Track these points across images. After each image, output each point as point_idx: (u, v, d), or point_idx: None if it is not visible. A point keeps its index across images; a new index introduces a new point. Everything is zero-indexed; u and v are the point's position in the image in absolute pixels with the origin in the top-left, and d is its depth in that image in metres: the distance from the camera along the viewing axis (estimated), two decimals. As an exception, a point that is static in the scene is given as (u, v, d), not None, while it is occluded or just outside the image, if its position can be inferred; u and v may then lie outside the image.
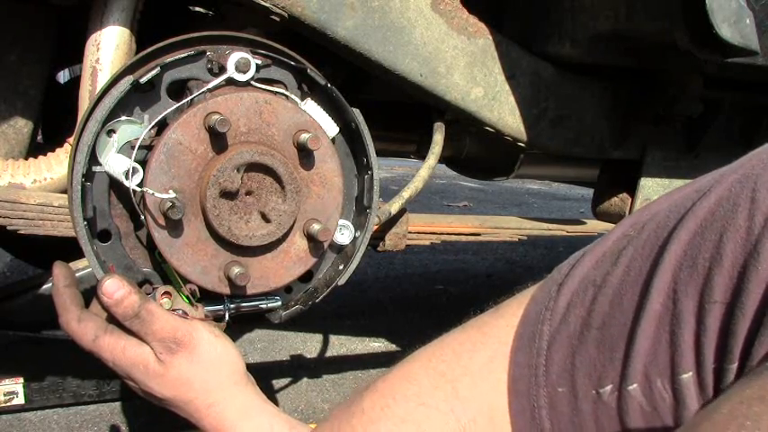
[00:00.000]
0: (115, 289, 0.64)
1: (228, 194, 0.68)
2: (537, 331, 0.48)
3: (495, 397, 0.50)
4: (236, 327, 0.76)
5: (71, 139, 0.93)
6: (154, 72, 0.68)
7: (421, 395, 0.53)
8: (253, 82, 0.72)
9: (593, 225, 1.44)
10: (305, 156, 0.73)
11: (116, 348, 0.66)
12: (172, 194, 0.66)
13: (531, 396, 0.48)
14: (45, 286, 1.21)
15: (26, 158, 1.02)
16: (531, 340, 0.49)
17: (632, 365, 0.42)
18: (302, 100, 0.74)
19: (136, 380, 0.66)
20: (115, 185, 0.70)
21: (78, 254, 0.72)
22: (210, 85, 0.69)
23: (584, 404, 0.45)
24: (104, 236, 0.70)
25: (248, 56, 0.71)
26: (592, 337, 0.45)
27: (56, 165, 0.97)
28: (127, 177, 0.66)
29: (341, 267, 0.80)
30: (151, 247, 0.71)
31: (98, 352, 0.66)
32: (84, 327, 0.67)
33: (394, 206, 1.07)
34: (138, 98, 0.69)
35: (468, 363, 0.52)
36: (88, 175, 0.68)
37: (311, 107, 0.74)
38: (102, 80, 0.89)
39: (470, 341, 0.54)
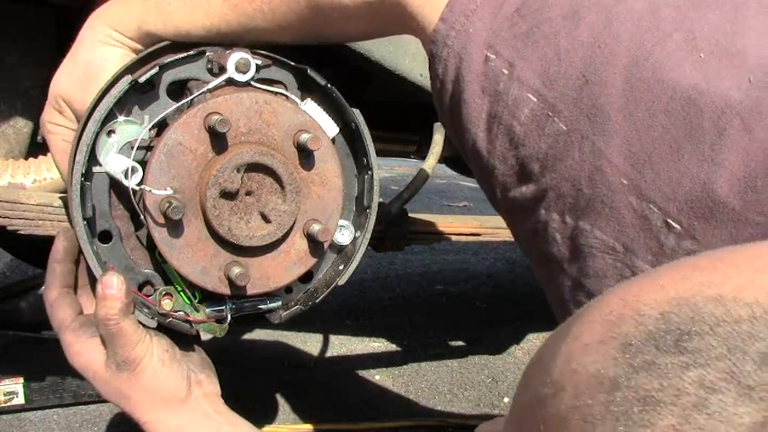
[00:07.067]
0: (110, 287, 0.64)
1: (228, 195, 0.68)
2: None
3: None
4: (236, 327, 0.76)
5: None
6: (152, 72, 0.68)
7: None
8: (253, 82, 0.72)
9: (594, 225, 1.43)
10: (305, 156, 0.73)
11: (71, 348, 0.68)
12: (169, 191, 0.66)
13: None
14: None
15: (26, 158, 1.02)
16: None
17: None
18: (302, 100, 0.74)
19: (85, 377, 0.69)
20: (116, 186, 0.70)
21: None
22: (210, 86, 0.69)
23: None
24: (105, 237, 0.70)
25: (248, 56, 0.71)
26: None
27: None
28: (126, 177, 0.66)
29: (341, 267, 0.80)
30: (151, 247, 0.71)
31: (60, 339, 0.69)
32: (54, 311, 0.69)
33: (394, 206, 1.08)
34: (137, 98, 0.69)
35: None
36: (88, 176, 0.68)
37: (311, 107, 0.74)
38: (102, 80, 0.89)
39: None
